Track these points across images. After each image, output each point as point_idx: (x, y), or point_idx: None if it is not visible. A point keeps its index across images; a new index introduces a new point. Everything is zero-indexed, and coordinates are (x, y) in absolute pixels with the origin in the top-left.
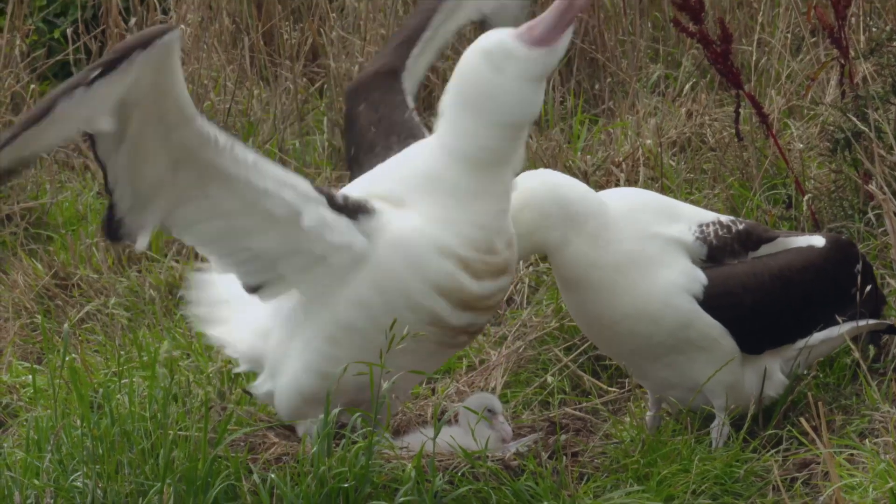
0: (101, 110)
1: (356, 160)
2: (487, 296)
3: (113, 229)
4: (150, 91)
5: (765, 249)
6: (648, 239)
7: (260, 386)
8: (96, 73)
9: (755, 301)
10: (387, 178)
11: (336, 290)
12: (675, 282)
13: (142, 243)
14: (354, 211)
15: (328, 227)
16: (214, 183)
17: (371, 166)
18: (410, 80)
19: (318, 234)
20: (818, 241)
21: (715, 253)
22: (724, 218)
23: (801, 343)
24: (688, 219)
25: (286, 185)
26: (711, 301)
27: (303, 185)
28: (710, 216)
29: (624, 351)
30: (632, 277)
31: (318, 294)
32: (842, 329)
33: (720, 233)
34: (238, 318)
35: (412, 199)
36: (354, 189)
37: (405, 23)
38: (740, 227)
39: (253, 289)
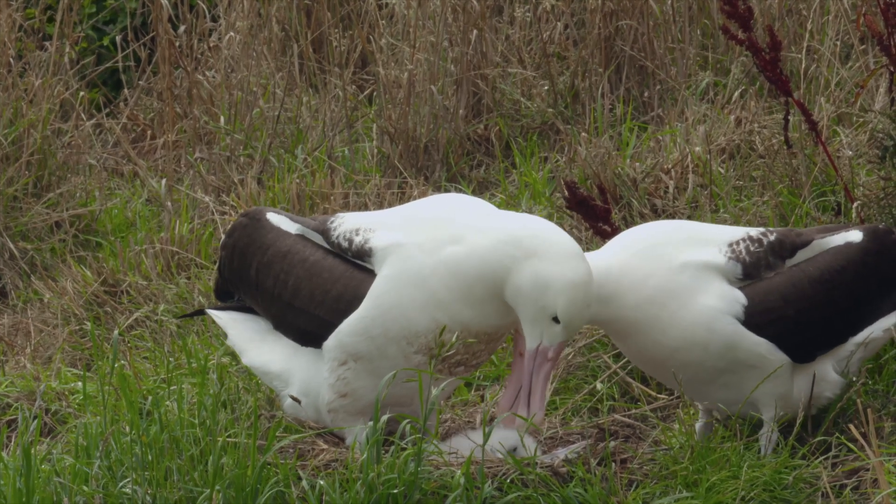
0: None
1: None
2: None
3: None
4: None
5: (801, 255)
6: (678, 270)
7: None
8: None
9: (799, 311)
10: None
11: None
12: (713, 307)
13: None
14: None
15: None
16: None
17: None
18: None
19: None
20: (855, 235)
21: (750, 269)
22: (754, 231)
23: (852, 341)
24: (716, 240)
25: None
26: (754, 319)
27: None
28: (739, 233)
29: (680, 379)
30: (671, 309)
31: None
32: (891, 319)
33: (752, 248)
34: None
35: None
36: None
37: None
38: (772, 237)
39: None
